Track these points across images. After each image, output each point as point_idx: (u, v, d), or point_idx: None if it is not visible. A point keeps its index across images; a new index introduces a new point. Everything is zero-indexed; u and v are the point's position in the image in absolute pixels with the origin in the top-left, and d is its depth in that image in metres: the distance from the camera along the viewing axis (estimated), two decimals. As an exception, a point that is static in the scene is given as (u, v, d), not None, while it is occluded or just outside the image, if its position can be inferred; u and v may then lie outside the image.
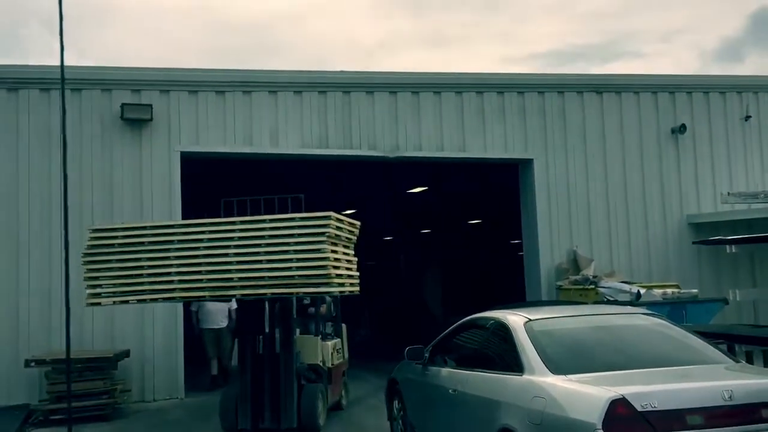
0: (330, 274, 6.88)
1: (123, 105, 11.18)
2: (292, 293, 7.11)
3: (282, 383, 7.85)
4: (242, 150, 11.86)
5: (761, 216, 12.53)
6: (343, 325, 10.28)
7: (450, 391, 6.21)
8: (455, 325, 6.99)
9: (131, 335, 10.87)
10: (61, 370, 9.53)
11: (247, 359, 7.93)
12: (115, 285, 7.18)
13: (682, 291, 11.23)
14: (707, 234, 13.23)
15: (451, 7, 43.99)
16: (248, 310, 8.00)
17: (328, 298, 9.27)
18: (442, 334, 7.17)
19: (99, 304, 7.32)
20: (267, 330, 8.07)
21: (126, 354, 10.40)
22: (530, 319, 5.70)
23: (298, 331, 8.86)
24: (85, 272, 7.27)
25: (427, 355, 7.07)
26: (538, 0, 44.31)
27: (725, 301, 11.06)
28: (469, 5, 44.08)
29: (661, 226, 13.75)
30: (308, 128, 12.22)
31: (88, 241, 7.46)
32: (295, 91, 12.20)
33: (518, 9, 44.65)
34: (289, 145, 12.09)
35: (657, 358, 5.34)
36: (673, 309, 10.21)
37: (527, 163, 13.30)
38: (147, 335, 10.98)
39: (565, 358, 5.15)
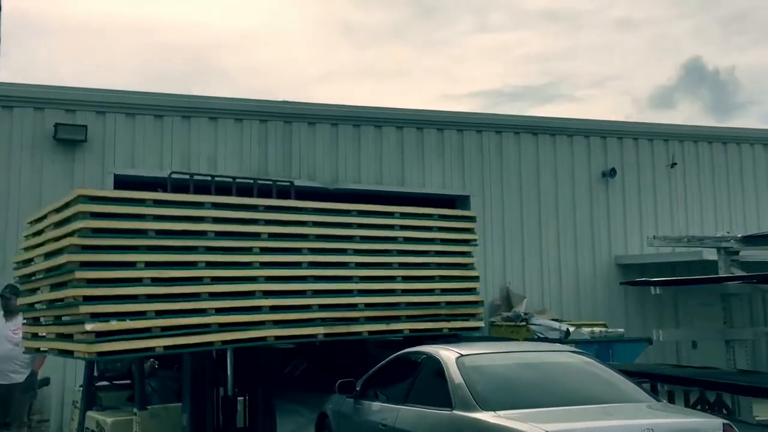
0: (482, 301, 5.01)
1: (56, 125, 10.93)
2: (434, 330, 4.87)
3: None
4: (179, 175, 11.68)
5: (684, 259, 13.04)
6: None
7: (380, 425, 6.18)
8: (388, 359, 6.99)
9: (52, 361, 10.44)
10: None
11: None
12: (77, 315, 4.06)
13: (609, 330, 11.52)
14: (634, 275, 13.66)
15: (393, 42, 44.80)
16: (199, 361, 4.90)
17: None
18: (374, 368, 7.15)
19: (37, 350, 4.76)
20: (229, 392, 5.23)
21: (45, 382, 9.97)
22: (462, 355, 5.75)
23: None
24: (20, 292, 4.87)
25: (358, 388, 7.03)
26: (479, 41, 45.56)
27: (649, 341, 11.39)
28: (411, 41, 44.99)
29: (591, 265, 14.14)
30: (248, 156, 12.16)
31: (24, 241, 5.00)
32: (235, 119, 12.16)
33: (459, 48, 45.79)
34: (228, 172, 11.97)
35: (583, 395, 5.46)
36: (600, 347, 10.45)
37: (464, 199, 13.53)
38: (69, 361, 10.56)
39: (495, 395, 5.22)
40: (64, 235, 4.30)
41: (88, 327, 3.95)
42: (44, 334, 4.81)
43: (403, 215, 4.94)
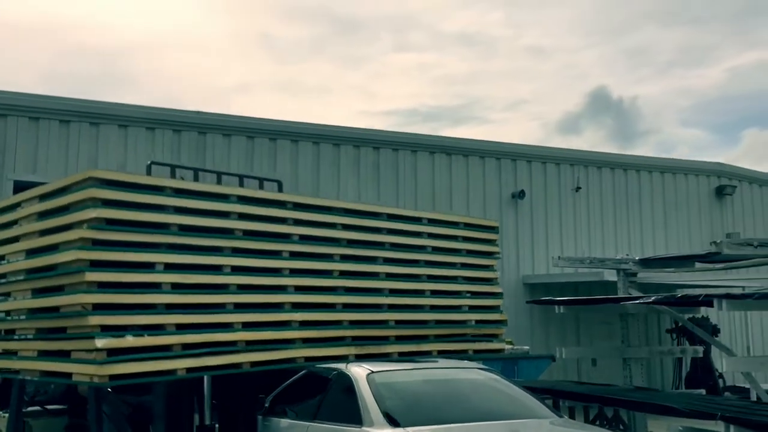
0: (506, 320, 4.48)
1: (-48, 125, 10.35)
2: (460, 351, 4.39)
3: None
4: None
5: (586, 280, 13.58)
6: None
7: (289, 443, 6.11)
8: (298, 374, 6.93)
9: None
10: None
11: None
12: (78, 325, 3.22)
13: (515, 347, 11.82)
14: (540, 294, 14.11)
15: (313, 57, 44.81)
16: (174, 384, 4.03)
17: None
18: (284, 384, 7.07)
19: (15, 373, 3.70)
20: (206, 420, 4.68)
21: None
22: (372, 371, 5.77)
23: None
24: None
25: (267, 405, 6.92)
26: (397, 60, 46.23)
27: (553, 358, 11.74)
28: (329, 56, 45.14)
29: (500, 284, 14.50)
30: (159, 166, 11.86)
31: None
32: (147, 127, 11.85)
33: (377, 66, 46.32)
34: (137, 182, 11.66)
35: (489, 412, 5.59)
36: (506, 364, 10.71)
37: (378, 216, 13.65)
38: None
39: (404, 411, 5.26)
40: (62, 227, 3.41)
41: (100, 343, 3.07)
42: (16, 350, 3.73)
43: (431, 221, 4.42)
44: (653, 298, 7.96)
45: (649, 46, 46.85)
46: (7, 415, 5.21)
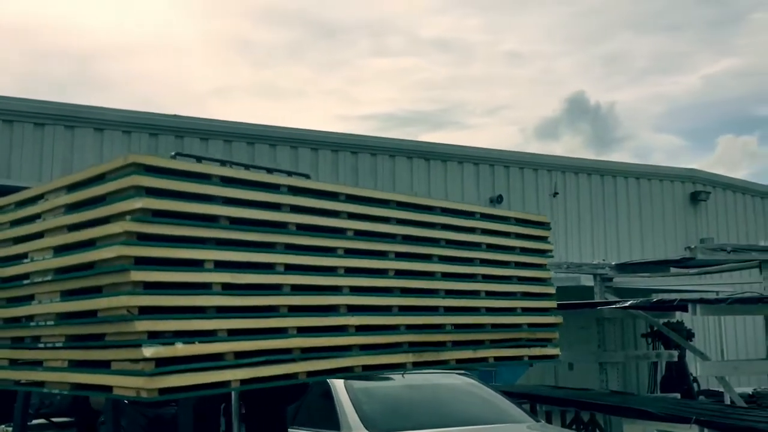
0: (560, 324, 4.36)
1: (-77, 127, 10.17)
2: (515, 357, 4.15)
3: None
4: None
5: (563, 284, 13.64)
6: None
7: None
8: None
9: None
10: None
11: None
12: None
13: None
14: (517, 299, 14.14)
15: (289, 62, 44.77)
16: (203, 398, 3.51)
17: None
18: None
19: (17, 383, 3.37)
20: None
21: None
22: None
23: None
24: None
25: (244, 411, 6.88)
26: (375, 64, 46.35)
27: (530, 363, 11.77)
28: (306, 61, 45.11)
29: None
30: (135, 170, 11.76)
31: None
32: (123, 131, 11.75)
33: (355, 70, 46.37)
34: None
35: (467, 416, 5.61)
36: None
37: (356, 221, 13.64)
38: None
39: (382, 417, 5.28)
40: (98, 220, 3.03)
41: (148, 352, 2.66)
42: (41, 359, 3.30)
43: (483, 216, 4.06)
44: (629, 302, 8.05)
45: (624, 53, 47.43)
46: (10, 429, 4.87)
